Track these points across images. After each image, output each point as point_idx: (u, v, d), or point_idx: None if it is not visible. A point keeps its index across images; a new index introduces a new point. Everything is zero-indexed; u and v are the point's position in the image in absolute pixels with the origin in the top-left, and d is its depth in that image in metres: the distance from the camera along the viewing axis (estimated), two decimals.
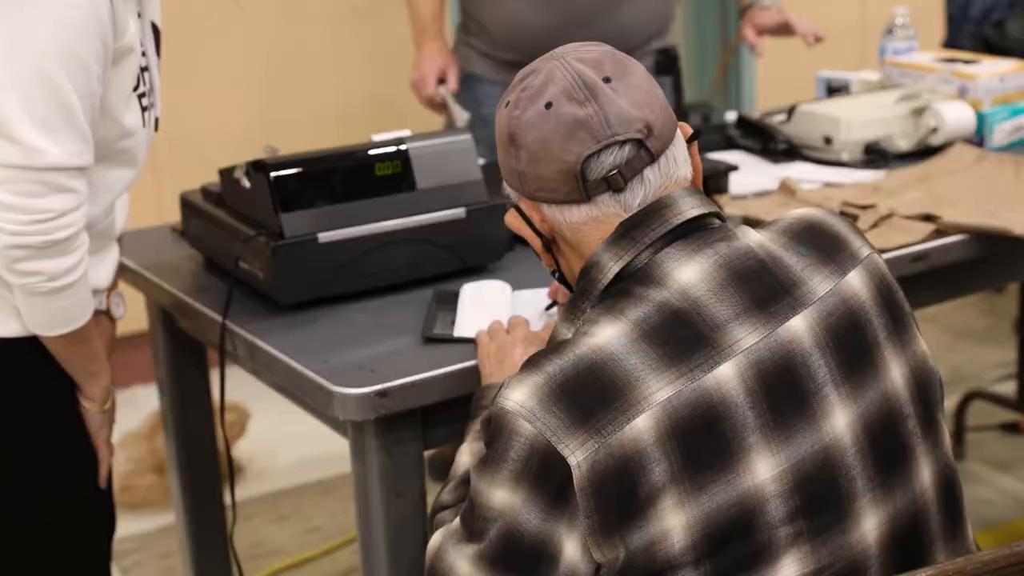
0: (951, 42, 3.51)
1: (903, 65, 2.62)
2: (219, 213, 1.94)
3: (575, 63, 1.32)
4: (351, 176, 1.86)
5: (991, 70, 2.51)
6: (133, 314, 2.34)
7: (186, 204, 2.05)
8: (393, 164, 1.87)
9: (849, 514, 1.28)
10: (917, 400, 1.34)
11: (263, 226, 1.82)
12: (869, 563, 1.29)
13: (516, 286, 1.84)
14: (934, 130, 2.41)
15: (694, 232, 1.32)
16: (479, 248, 1.92)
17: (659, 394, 1.23)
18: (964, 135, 2.43)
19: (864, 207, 2.09)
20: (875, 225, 2.03)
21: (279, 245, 1.78)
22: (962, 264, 2.03)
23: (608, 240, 1.31)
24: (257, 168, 1.83)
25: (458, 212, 1.89)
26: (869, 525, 1.29)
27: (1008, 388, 3.39)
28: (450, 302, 1.79)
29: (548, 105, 1.30)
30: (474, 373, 1.63)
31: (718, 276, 1.29)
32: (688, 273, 1.29)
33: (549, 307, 1.70)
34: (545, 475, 1.23)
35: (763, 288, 1.29)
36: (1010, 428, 3.23)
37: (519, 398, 1.25)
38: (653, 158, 1.31)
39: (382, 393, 1.58)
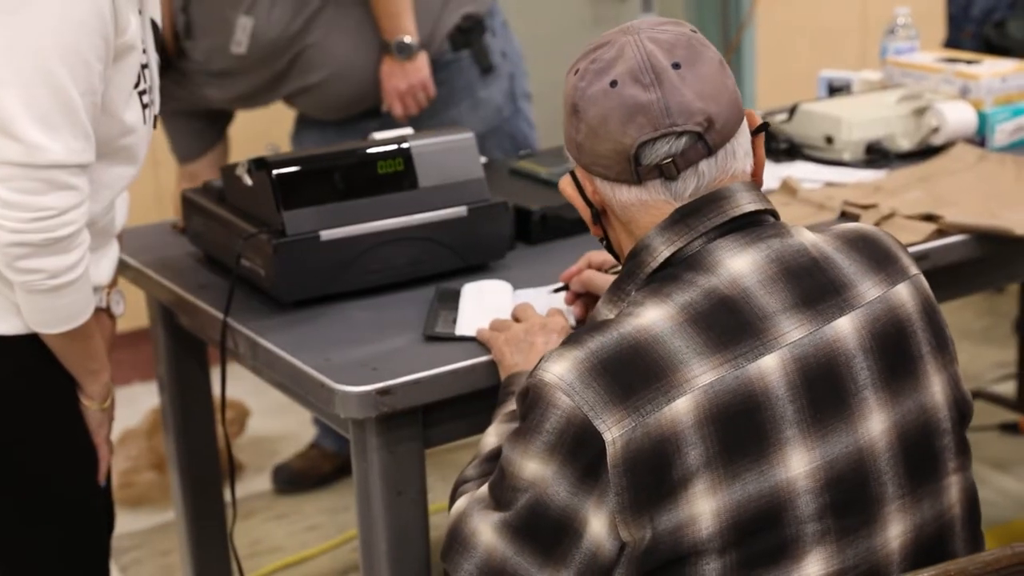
0: (952, 42, 3.51)
1: (904, 65, 2.62)
2: (220, 210, 1.93)
3: (648, 43, 1.30)
4: (353, 174, 1.85)
5: (992, 70, 2.51)
6: (133, 311, 2.34)
7: (187, 201, 2.05)
8: (395, 162, 1.87)
9: (876, 518, 1.28)
10: (955, 419, 1.34)
11: (265, 223, 1.82)
12: (891, 569, 1.29)
13: (517, 285, 1.84)
14: (935, 130, 2.41)
15: (749, 226, 1.31)
16: (481, 246, 1.92)
17: (702, 378, 1.23)
18: (965, 135, 2.43)
19: (865, 207, 2.09)
20: (876, 225, 2.03)
21: (281, 243, 1.78)
22: (963, 264, 2.03)
23: (662, 225, 1.31)
24: (259, 165, 1.83)
25: (460, 210, 1.89)
26: (894, 532, 1.29)
27: (1008, 388, 3.39)
28: (452, 301, 1.79)
29: (613, 83, 1.30)
30: (476, 371, 1.63)
31: (769, 270, 1.29)
32: (739, 263, 1.29)
33: (557, 290, 1.70)
34: (579, 449, 1.23)
35: (813, 286, 1.29)
36: (1010, 428, 3.23)
37: (559, 371, 1.25)
38: (710, 151, 1.30)
39: (383, 391, 1.58)
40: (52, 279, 1.53)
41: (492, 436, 1.47)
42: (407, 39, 2.60)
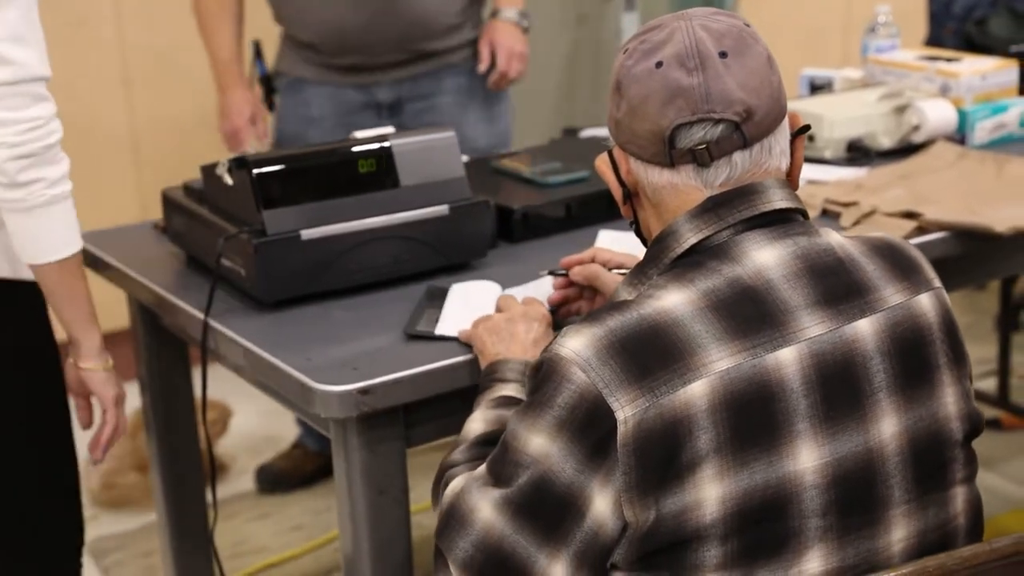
0: (933, 40, 3.53)
1: (886, 63, 2.63)
2: (201, 210, 1.93)
3: (699, 29, 1.31)
4: (334, 173, 1.85)
5: (973, 68, 2.52)
6: (115, 311, 2.33)
7: (168, 201, 2.04)
8: (376, 161, 1.87)
9: (880, 520, 1.28)
10: (966, 432, 1.35)
11: (245, 223, 1.81)
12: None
13: (499, 283, 1.84)
14: (916, 128, 2.42)
15: (778, 222, 1.32)
16: (462, 245, 1.92)
17: (719, 363, 1.23)
18: (946, 133, 2.44)
19: (846, 204, 2.10)
20: (857, 222, 2.04)
21: (261, 242, 1.77)
22: (943, 261, 2.02)
23: (692, 212, 1.31)
24: (239, 165, 1.82)
25: (441, 209, 1.89)
26: (897, 536, 1.30)
27: (989, 385, 3.41)
28: (439, 299, 1.79)
29: (659, 64, 1.30)
30: (457, 370, 1.63)
31: (794, 265, 1.29)
32: (765, 256, 1.29)
33: (552, 272, 1.69)
34: (589, 426, 1.23)
35: (837, 285, 1.30)
36: (992, 425, 3.24)
37: (576, 346, 1.25)
38: (746, 143, 1.30)
39: (364, 390, 1.57)
40: (51, 188, 1.63)
41: (478, 422, 1.46)
42: (527, 12, 2.75)
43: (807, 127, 1.38)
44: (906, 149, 2.42)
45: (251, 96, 2.78)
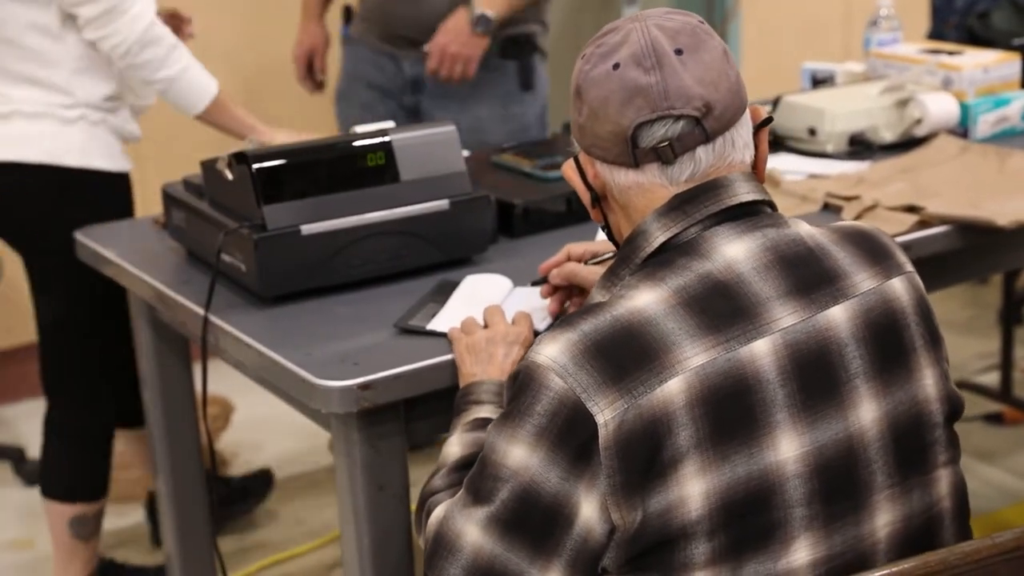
0: (936, 33, 3.51)
1: (888, 56, 2.62)
2: (201, 205, 1.93)
3: (653, 29, 1.31)
4: (334, 168, 1.85)
5: (975, 61, 2.51)
6: None
7: (168, 196, 2.04)
8: (376, 156, 1.86)
9: (864, 506, 1.28)
10: (946, 414, 1.34)
11: (245, 218, 1.81)
12: (877, 559, 1.29)
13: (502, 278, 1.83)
14: (918, 121, 2.41)
15: (745, 215, 1.32)
16: (463, 240, 1.92)
17: (693, 360, 1.23)
18: (948, 126, 2.43)
19: (848, 198, 2.09)
20: (859, 216, 2.03)
21: (261, 237, 1.77)
22: (946, 255, 2.03)
23: (659, 211, 1.31)
24: (239, 160, 1.82)
25: (442, 204, 1.88)
26: (882, 521, 1.29)
27: (992, 379, 3.40)
28: (445, 294, 1.78)
29: (616, 66, 1.30)
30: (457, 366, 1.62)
31: (764, 257, 1.29)
32: (735, 250, 1.29)
33: (536, 282, 1.69)
34: (570, 432, 1.23)
35: (808, 274, 1.30)
36: (994, 419, 3.24)
37: (552, 353, 1.24)
38: (708, 138, 1.30)
39: (365, 386, 1.57)
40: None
41: (455, 446, 1.46)
42: (491, 15, 2.64)
43: (769, 119, 1.38)
44: (908, 143, 2.41)
45: (318, 30, 2.99)
